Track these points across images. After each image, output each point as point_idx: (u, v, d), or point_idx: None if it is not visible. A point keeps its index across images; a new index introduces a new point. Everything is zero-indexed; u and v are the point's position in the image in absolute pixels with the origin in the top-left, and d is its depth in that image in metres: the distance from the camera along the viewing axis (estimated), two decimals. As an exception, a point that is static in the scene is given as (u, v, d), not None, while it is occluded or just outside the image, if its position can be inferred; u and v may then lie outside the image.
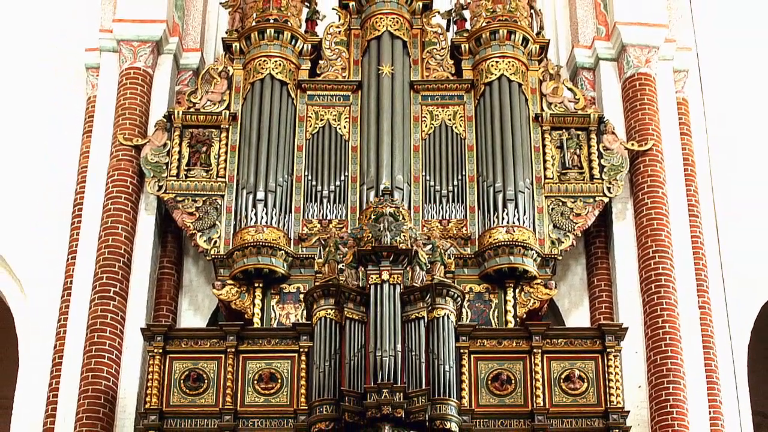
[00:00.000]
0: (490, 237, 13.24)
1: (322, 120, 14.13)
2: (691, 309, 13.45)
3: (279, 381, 12.15)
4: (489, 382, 12.16)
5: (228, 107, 14.07)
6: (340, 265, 12.42)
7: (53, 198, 14.22)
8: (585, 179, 13.78)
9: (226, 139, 13.92)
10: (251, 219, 13.28)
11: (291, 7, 14.39)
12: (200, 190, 13.67)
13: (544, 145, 13.92)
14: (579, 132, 14.01)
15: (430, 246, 12.72)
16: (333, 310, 12.03)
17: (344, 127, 14.08)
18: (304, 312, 12.66)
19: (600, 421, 12.02)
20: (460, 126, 14.07)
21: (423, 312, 11.96)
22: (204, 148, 13.90)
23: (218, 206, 13.59)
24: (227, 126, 13.98)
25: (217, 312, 13.80)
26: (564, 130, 14.02)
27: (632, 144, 14.01)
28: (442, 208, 13.64)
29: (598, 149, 13.90)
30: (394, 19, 14.37)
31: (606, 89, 14.54)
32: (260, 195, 13.39)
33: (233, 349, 12.19)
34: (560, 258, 13.53)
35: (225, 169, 13.76)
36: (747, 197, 14.70)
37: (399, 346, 11.70)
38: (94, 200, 13.75)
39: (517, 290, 13.23)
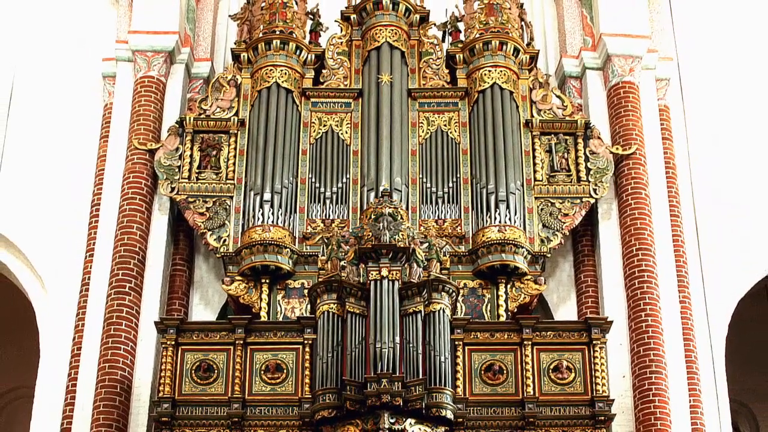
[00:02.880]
0: (483, 236, 13.26)
1: (325, 126, 14.14)
2: (672, 303, 13.46)
3: (284, 371, 12.17)
4: (482, 372, 12.18)
5: (236, 114, 14.09)
6: (342, 262, 12.43)
7: (72, 199, 14.22)
8: (572, 181, 13.80)
9: (234, 143, 13.94)
10: (258, 219, 13.30)
11: (296, 19, 14.41)
12: (210, 191, 13.69)
13: (533, 149, 13.94)
14: (567, 137, 14.04)
15: (426, 244, 12.74)
16: (335, 305, 12.05)
17: (346, 132, 14.09)
18: (308, 306, 12.68)
19: (586, 408, 12.04)
20: (455, 131, 14.08)
21: (420, 306, 11.98)
22: (214, 152, 13.92)
23: (227, 207, 13.60)
24: (236, 131, 13.99)
25: (227, 306, 13.81)
26: (553, 135, 14.04)
27: (617, 148, 14.02)
28: (438, 208, 13.65)
29: (584, 153, 13.92)
30: (392, 30, 14.39)
31: (592, 97, 14.55)
32: (267, 196, 13.41)
33: (241, 341, 12.22)
34: (549, 255, 13.56)
35: (234, 171, 13.77)
36: (725, 199, 14.71)
37: (397, 339, 11.72)
38: (110, 201, 13.76)
39: (509, 286, 13.24)
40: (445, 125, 14.13)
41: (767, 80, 15.59)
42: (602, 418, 12.01)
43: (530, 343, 12.23)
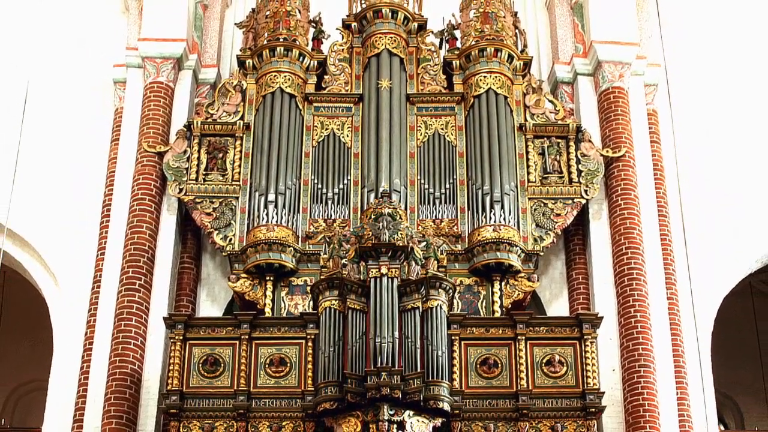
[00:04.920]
0: (478, 235, 13.25)
1: (327, 129, 14.13)
2: (661, 300, 13.47)
3: (288, 365, 12.17)
4: (477, 365, 12.18)
5: (242, 118, 14.09)
6: (343, 260, 12.43)
7: (84, 200, 14.23)
8: (564, 183, 13.80)
9: (240, 146, 13.93)
10: (263, 218, 13.29)
11: (299, 27, 14.41)
12: (217, 192, 13.69)
13: (527, 152, 13.94)
14: (559, 140, 14.03)
15: (424, 243, 12.74)
16: (337, 301, 12.04)
17: (347, 135, 14.08)
18: (311, 302, 12.67)
19: (578, 401, 12.04)
20: (452, 135, 14.08)
21: (418, 303, 11.98)
22: (220, 155, 13.91)
23: (233, 207, 13.60)
24: (241, 135, 13.99)
25: (232, 302, 13.80)
26: (545, 139, 14.03)
27: (607, 151, 14.02)
28: (435, 208, 13.64)
29: (576, 156, 13.92)
30: (392, 38, 14.38)
31: (583, 101, 14.55)
32: (271, 197, 13.40)
33: (247, 336, 12.21)
34: (542, 254, 13.56)
35: (239, 173, 13.77)
36: (711, 200, 14.72)
37: (396, 334, 11.72)
38: (121, 202, 13.77)
39: (503, 283, 13.23)
40: (442, 129, 14.12)
41: (751, 84, 15.61)
42: (593, 410, 12.01)
43: (524, 338, 12.23)
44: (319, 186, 13.75)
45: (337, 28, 14.72)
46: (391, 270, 12.03)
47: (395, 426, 11.57)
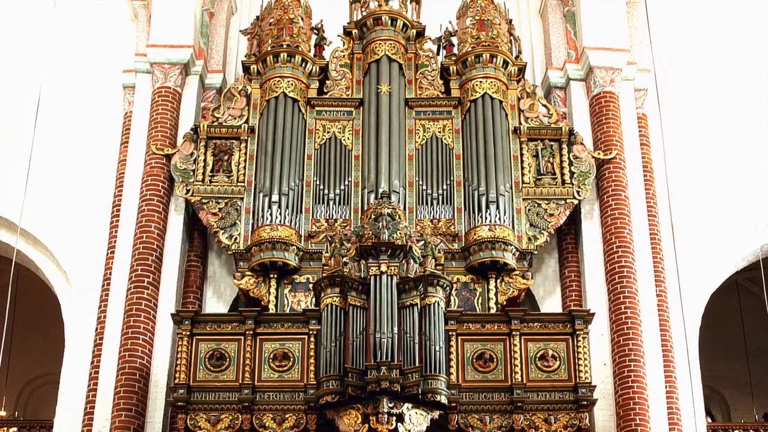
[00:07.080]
0: (474, 234, 13.27)
1: (328, 132, 14.15)
2: (650, 297, 13.48)
3: (291, 359, 12.18)
4: (474, 360, 12.19)
5: (247, 121, 14.10)
6: (344, 259, 12.45)
7: (95, 201, 14.25)
8: (557, 184, 13.82)
9: (245, 149, 13.95)
10: (267, 218, 13.31)
11: (302, 34, 14.43)
12: (222, 193, 13.71)
13: (521, 154, 13.96)
14: (552, 143, 14.05)
15: (422, 242, 12.76)
16: (338, 298, 12.06)
17: (348, 138, 14.10)
18: (313, 299, 12.68)
19: (570, 394, 12.06)
20: (449, 137, 14.10)
21: (416, 299, 11.99)
22: (226, 157, 13.93)
23: (238, 207, 13.61)
24: (246, 137, 14.01)
25: (237, 299, 13.82)
26: (539, 141, 14.05)
27: (598, 153, 14.05)
28: (433, 209, 13.66)
29: (568, 158, 13.93)
30: (391, 44, 14.40)
31: (576, 105, 14.57)
32: (275, 197, 13.42)
33: (251, 332, 12.23)
34: (536, 252, 13.57)
35: (244, 175, 13.79)
36: (699, 201, 14.73)
37: (395, 329, 11.73)
38: (130, 202, 13.79)
39: (498, 280, 13.25)
40: (439, 132, 14.14)
41: (738, 88, 15.62)
42: (585, 402, 12.03)
43: (518, 333, 12.24)
44: (321, 187, 13.76)
45: (338, 35, 14.74)
46: (390, 268, 12.05)
47: (394, 418, 11.58)
